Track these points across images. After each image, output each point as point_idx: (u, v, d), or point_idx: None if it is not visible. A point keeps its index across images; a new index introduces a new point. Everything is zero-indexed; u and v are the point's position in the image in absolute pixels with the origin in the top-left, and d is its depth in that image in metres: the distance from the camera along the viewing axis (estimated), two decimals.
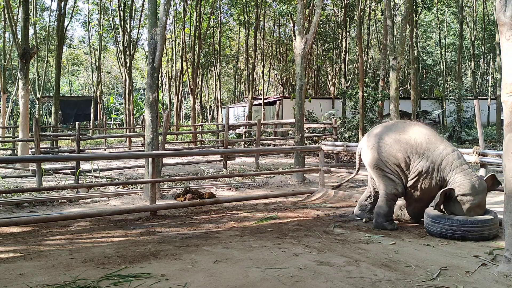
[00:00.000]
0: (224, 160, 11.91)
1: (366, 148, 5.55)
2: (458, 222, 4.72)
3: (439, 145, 5.07)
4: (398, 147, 5.18)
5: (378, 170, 5.34)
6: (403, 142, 5.17)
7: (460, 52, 25.26)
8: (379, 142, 5.33)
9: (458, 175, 4.87)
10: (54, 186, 7.48)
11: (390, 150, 5.22)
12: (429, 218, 4.96)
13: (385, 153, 5.25)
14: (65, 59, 35.98)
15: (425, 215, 5.08)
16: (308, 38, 9.77)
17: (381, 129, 5.53)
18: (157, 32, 7.49)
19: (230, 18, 31.60)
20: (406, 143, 5.15)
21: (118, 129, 30.28)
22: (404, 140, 5.18)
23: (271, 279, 3.42)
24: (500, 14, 3.68)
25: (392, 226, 5.22)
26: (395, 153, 5.19)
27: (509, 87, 3.66)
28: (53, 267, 3.73)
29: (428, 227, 4.97)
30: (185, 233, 5.09)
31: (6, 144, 18.73)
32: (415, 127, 5.30)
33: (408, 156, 5.13)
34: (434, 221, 4.88)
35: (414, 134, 5.18)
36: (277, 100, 24.82)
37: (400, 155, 5.16)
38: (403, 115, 17.29)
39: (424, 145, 5.07)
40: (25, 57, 12.62)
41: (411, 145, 5.12)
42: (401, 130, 5.29)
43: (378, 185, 5.49)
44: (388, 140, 5.27)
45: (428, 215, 4.99)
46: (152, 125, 7.49)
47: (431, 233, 4.92)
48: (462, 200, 4.78)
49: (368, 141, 5.54)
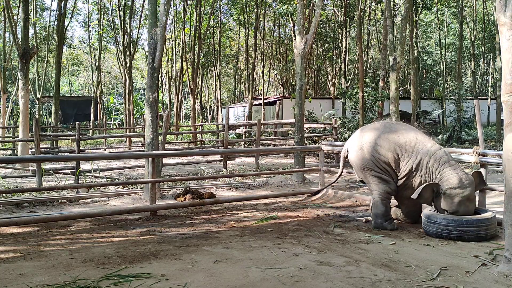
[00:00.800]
0: (224, 160, 11.91)
1: (355, 149, 5.56)
2: (453, 221, 4.71)
3: (427, 143, 5.17)
4: (387, 147, 5.24)
5: (368, 170, 5.38)
6: (392, 141, 5.24)
7: (460, 52, 25.25)
8: (369, 142, 5.37)
9: (446, 170, 4.92)
10: (54, 186, 7.48)
11: (379, 150, 5.27)
12: (425, 218, 4.97)
13: (375, 153, 5.29)
14: (65, 59, 35.98)
15: (422, 215, 5.09)
16: (308, 38, 9.77)
17: (369, 130, 5.58)
18: (157, 32, 7.49)
19: (230, 18, 31.61)
20: (395, 143, 5.22)
21: (118, 129, 30.28)
22: (393, 139, 5.25)
23: (271, 279, 3.42)
24: (500, 14, 3.68)
25: (391, 226, 5.23)
26: (384, 152, 5.25)
27: (509, 87, 3.66)
28: (53, 267, 3.73)
29: (425, 227, 4.97)
30: (185, 233, 5.09)
31: (6, 144, 18.74)
32: (402, 127, 5.43)
33: (397, 154, 5.21)
34: (430, 221, 4.88)
35: (402, 134, 5.26)
36: (277, 100, 24.82)
37: (390, 154, 5.23)
38: (403, 115, 17.29)
39: (413, 144, 5.16)
40: (25, 57, 12.62)
41: (400, 144, 5.20)
42: (390, 130, 5.36)
43: (370, 186, 5.51)
44: (377, 141, 5.32)
45: (424, 215, 5.00)
46: (152, 125, 7.49)
47: (428, 233, 4.92)
48: (450, 194, 4.79)
49: (357, 142, 5.56)
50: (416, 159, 5.09)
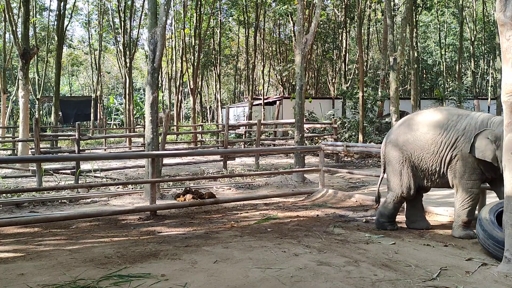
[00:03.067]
0: (224, 160, 11.91)
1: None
2: None
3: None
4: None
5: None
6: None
7: (460, 52, 25.24)
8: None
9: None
10: (54, 186, 7.49)
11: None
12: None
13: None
14: (65, 59, 35.96)
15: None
16: (308, 38, 9.77)
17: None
18: (157, 32, 7.49)
19: (230, 18, 31.60)
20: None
21: (118, 129, 30.27)
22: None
23: (271, 279, 3.42)
24: (500, 14, 3.68)
25: (392, 227, 5.28)
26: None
27: (509, 87, 3.66)
28: (53, 267, 3.73)
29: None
30: (185, 233, 5.09)
31: (6, 144, 18.73)
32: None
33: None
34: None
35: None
36: (277, 100, 24.81)
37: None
38: (403, 115, 17.28)
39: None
40: (25, 57, 12.62)
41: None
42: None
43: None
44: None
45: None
46: (152, 125, 7.49)
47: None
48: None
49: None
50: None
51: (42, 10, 31.91)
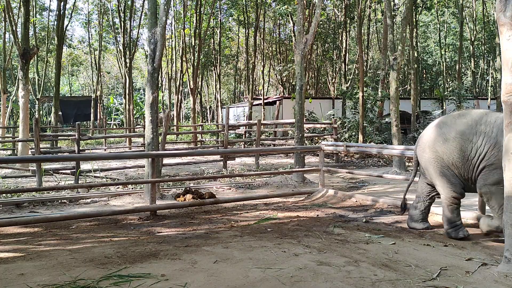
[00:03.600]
0: (224, 160, 11.91)
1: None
2: None
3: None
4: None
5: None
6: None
7: (460, 52, 25.23)
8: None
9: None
10: (54, 186, 7.49)
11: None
12: None
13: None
14: (65, 59, 35.95)
15: None
16: (308, 38, 9.77)
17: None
18: (157, 32, 7.49)
19: (230, 18, 31.60)
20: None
21: (118, 129, 30.27)
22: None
23: (271, 279, 3.42)
24: (500, 14, 3.68)
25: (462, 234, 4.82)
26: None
27: (509, 87, 3.66)
28: (53, 267, 3.73)
29: None
30: (185, 233, 5.09)
31: (6, 144, 18.74)
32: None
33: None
34: None
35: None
36: (277, 100, 24.81)
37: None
38: (403, 115, 17.29)
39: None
40: (25, 57, 12.62)
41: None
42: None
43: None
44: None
45: None
46: (152, 125, 7.49)
47: None
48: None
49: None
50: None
51: (42, 10, 31.90)
